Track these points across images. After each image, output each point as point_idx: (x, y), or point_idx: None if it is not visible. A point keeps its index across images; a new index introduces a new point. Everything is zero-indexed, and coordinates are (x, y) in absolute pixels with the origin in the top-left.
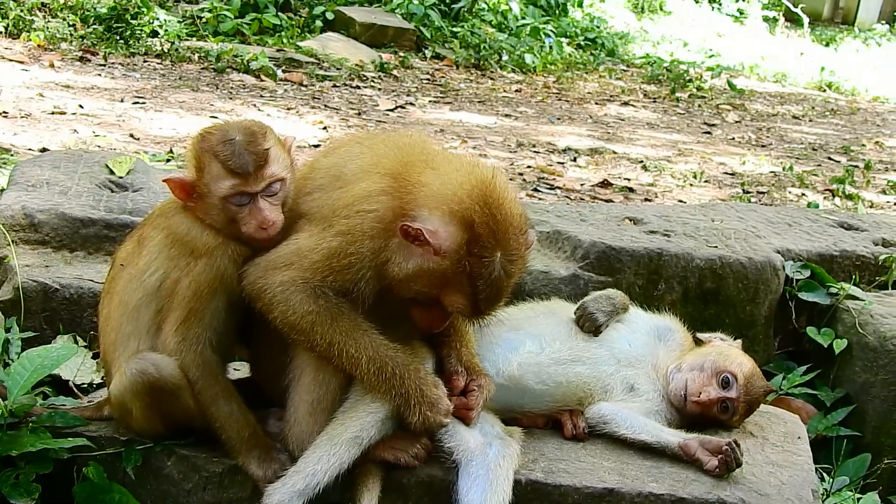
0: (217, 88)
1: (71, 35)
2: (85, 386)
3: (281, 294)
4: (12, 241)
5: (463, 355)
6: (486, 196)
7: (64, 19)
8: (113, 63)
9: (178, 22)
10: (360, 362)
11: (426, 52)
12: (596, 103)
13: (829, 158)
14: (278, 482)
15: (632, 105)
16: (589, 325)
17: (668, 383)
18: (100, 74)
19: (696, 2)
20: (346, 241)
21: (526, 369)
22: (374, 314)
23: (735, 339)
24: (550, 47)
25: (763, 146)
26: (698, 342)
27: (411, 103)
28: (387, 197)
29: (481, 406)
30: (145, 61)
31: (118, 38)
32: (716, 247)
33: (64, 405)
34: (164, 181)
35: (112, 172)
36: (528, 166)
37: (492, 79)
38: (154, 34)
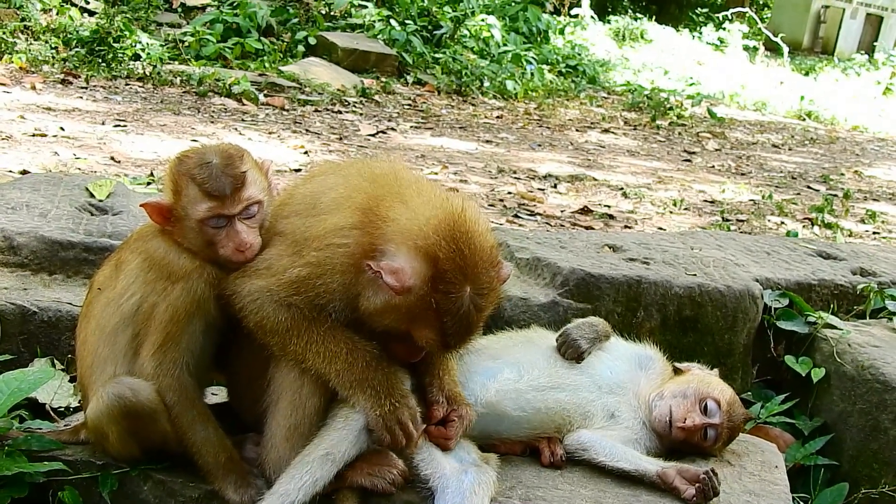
0: (199, 112)
1: (53, 58)
2: (62, 409)
3: (252, 303)
4: None
5: (444, 384)
6: (454, 230)
7: (46, 42)
8: (95, 86)
9: (161, 45)
10: (340, 356)
11: (408, 77)
12: (577, 130)
13: (809, 187)
14: None
15: (612, 132)
16: (571, 352)
17: (651, 411)
18: (81, 97)
19: (677, 30)
20: (315, 273)
21: (504, 395)
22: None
23: (712, 368)
24: (532, 74)
25: (743, 174)
26: (677, 371)
27: (393, 128)
28: (358, 231)
29: (460, 435)
30: (127, 84)
31: (100, 60)
32: (695, 275)
33: (40, 429)
34: (141, 206)
35: (92, 195)
36: (509, 192)
37: (473, 105)
38: (136, 57)
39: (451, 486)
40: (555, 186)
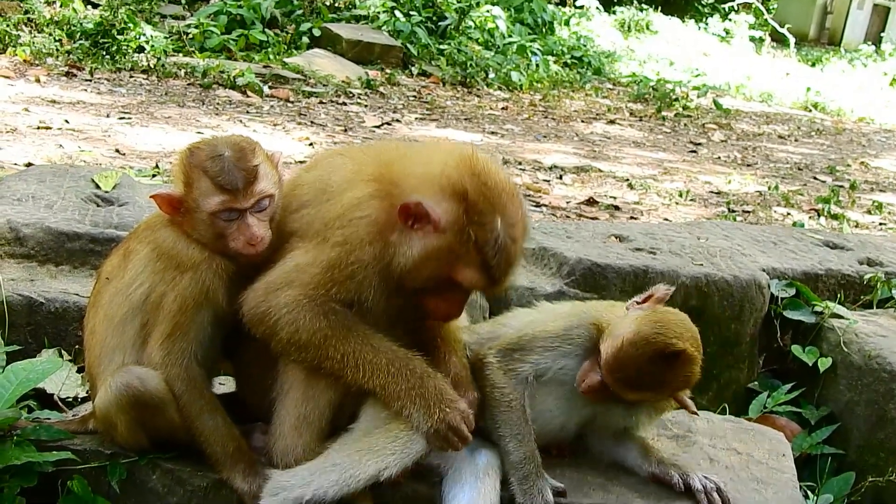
0: (203, 104)
1: (57, 50)
2: (70, 400)
3: (287, 315)
4: None
5: (451, 368)
6: (473, 167)
7: (50, 34)
8: (99, 78)
9: (165, 38)
10: (380, 366)
11: (413, 69)
12: (582, 121)
13: (815, 178)
14: (288, 481)
15: (618, 123)
16: None
17: None
18: (86, 89)
19: (683, 21)
20: (345, 251)
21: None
22: (383, 328)
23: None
24: (537, 65)
25: (749, 165)
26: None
27: (397, 120)
28: (376, 200)
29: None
30: (131, 77)
31: (104, 53)
32: (701, 265)
33: (49, 419)
34: (151, 197)
35: (98, 187)
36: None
37: (478, 96)
38: (140, 50)
39: (465, 467)
40: (560, 178)
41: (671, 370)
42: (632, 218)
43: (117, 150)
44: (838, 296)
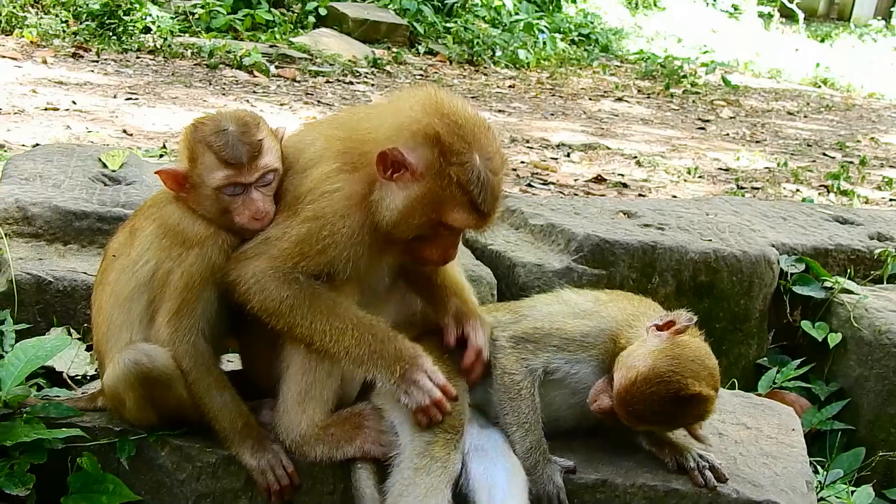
0: (210, 84)
1: (63, 31)
2: (79, 378)
3: (255, 284)
4: (6, 234)
5: (451, 307)
6: (439, 108)
7: (56, 16)
8: (106, 59)
9: (171, 18)
10: (345, 332)
11: (419, 47)
12: (590, 99)
13: (824, 154)
14: None
15: (626, 101)
16: None
17: None
18: (92, 70)
19: None
20: (317, 226)
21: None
22: (373, 293)
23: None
24: (544, 43)
25: (757, 142)
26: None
27: None
28: (345, 174)
29: (484, 341)
30: (138, 57)
31: (111, 34)
32: (710, 240)
33: (58, 396)
34: (155, 172)
35: (105, 166)
36: (522, 162)
37: (485, 74)
38: (147, 30)
39: (489, 443)
40: (568, 155)
41: (684, 410)
42: (640, 195)
43: (125, 131)
44: (848, 271)
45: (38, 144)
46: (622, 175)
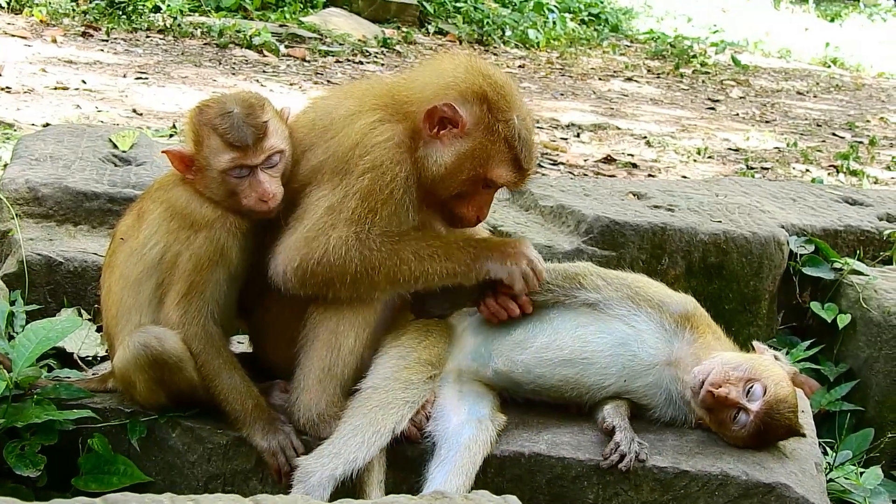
0: (220, 64)
1: (73, 10)
2: (89, 359)
3: (336, 254)
4: (16, 215)
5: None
6: (480, 70)
7: None
8: (115, 38)
9: None
10: (451, 245)
11: (429, 27)
12: (599, 79)
13: (834, 134)
14: (316, 463)
15: (635, 81)
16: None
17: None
18: (102, 50)
19: None
20: (377, 175)
21: (534, 365)
22: None
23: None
24: (554, 23)
25: (767, 122)
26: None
27: None
28: (389, 124)
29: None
30: (148, 37)
31: (120, 13)
32: (720, 221)
33: (69, 377)
34: (163, 152)
35: (115, 147)
36: None
37: (495, 54)
38: (156, 9)
39: (448, 442)
40: (577, 136)
41: (776, 437)
42: (650, 175)
43: (134, 111)
44: (857, 252)
45: (48, 124)
46: (632, 155)
